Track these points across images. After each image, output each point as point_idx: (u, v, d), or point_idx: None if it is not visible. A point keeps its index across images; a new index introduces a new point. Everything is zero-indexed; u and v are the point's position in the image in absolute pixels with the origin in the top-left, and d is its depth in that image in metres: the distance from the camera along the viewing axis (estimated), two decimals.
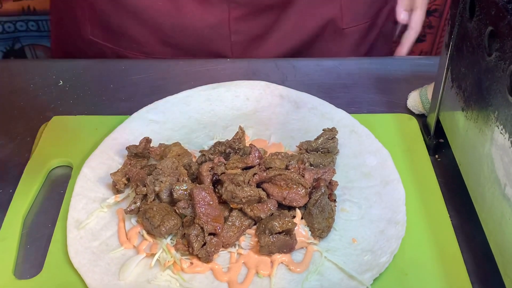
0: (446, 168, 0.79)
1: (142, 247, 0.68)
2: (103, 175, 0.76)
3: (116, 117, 0.86)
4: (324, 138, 0.77)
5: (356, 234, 0.69)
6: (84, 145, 0.82)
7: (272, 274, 0.65)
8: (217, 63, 0.99)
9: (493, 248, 0.63)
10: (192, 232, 0.66)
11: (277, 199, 0.68)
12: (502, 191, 0.60)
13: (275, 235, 0.66)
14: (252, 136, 0.82)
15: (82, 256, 0.67)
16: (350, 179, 0.76)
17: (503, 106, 0.60)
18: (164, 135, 0.82)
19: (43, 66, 0.99)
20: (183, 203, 0.68)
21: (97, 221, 0.71)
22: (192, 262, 0.66)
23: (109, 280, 0.65)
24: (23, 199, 0.75)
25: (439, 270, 0.66)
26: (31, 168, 0.79)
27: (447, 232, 0.70)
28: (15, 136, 0.86)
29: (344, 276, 0.65)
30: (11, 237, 0.70)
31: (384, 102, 0.91)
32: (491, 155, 0.63)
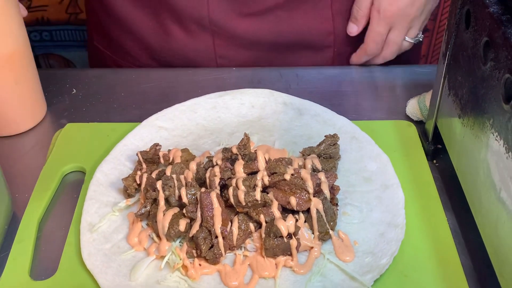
0: (444, 173, 0.79)
1: (152, 250, 0.68)
2: (115, 180, 0.77)
3: (127, 124, 0.86)
4: (326, 144, 0.77)
5: (357, 236, 0.69)
6: (96, 151, 0.82)
7: (277, 275, 0.66)
8: (223, 72, 0.99)
9: (489, 250, 0.63)
10: (200, 235, 0.66)
11: (282, 203, 0.68)
12: (497, 195, 0.60)
13: (279, 238, 0.66)
14: (257, 142, 0.82)
15: (95, 258, 0.67)
16: (351, 183, 0.76)
17: (497, 114, 0.60)
18: (172, 141, 0.83)
19: (56, 75, 1.00)
20: (191, 207, 0.69)
21: (109, 224, 0.72)
22: (200, 264, 0.67)
23: (121, 281, 0.65)
24: (38, 203, 0.75)
25: (437, 271, 0.66)
26: (46, 173, 0.79)
27: (444, 235, 0.70)
28: (30, 142, 0.86)
29: (346, 277, 0.65)
30: (27, 239, 0.71)
31: (383, 109, 0.91)
32: (487, 161, 0.63)
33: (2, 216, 0.72)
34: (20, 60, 0.82)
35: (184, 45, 1.01)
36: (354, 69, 1.02)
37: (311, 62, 1.04)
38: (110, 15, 1.04)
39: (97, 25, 1.09)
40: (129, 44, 1.05)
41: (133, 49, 1.05)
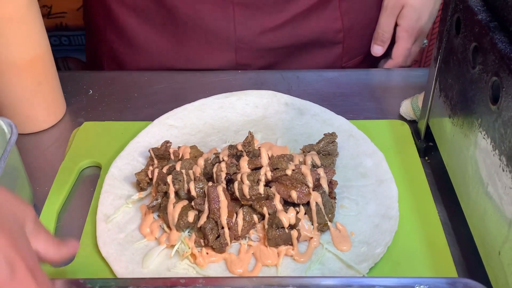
0: (435, 169, 0.79)
1: (163, 239, 0.68)
2: (128, 175, 0.77)
3: (140, 123, 0.86)
4: (325, 142, 0.77)
5: (353, 228, 0.69)
6: (111, 148, 0.83)
7: (279, 263, 0.66)
8: (229, 74, 0.99)
9: (477, 241, 0.64)
10: (207, 226, 0.67)
11: (283, 196, 0.68)
12: (485, 190, 0.60)
13: (281, 229, 0.67)
14: (261, 140, 0.82)
15: (110, 247, 0.68)
16: (348, 178, 0.76)
17: (485, 114, 0.60)
18: (182, 139, 0.83)
19: (74, 77, 1.00)
20: (199, 199, 0.69)
21: (123, 216, 0.72)
22: (207, 252, 0.67)
23: (134, 268, 0.65)
24: (58, 196, 0.75)
25: (428, 260, 0.66)
26: (64, 168, 0.80)
27: (435, 226, 0.70)
28: (51, 139, 0.87)
29: (343, 265, 0.65)
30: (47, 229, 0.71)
31: (379, 109, 0.91)
32: (475, 157, 0.63)
33: None
34: (42, 63, 0.83)
35: (204, 61, 1.00)
36: (351, 71, 1.02)
37: (322, 58, 1.04)
38: (121, 37, 1.03)
39: (110, 54, 1.07)
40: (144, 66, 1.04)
41: (143, 64, 1.04)
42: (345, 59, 1.06)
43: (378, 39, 1.03)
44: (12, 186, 0.69)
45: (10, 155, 0.67)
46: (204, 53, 1.00)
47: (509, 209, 0.55)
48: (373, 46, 1.04)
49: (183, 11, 0.96)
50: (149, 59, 1.02)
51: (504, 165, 0.56)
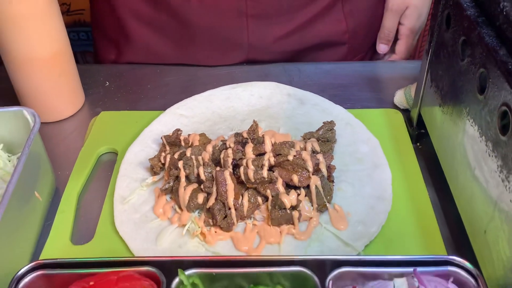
0: (426, 154, 0.79)
1: (175, 219, 0.69)
2: (143, 160, 0.77)
3: (153, 112, 0.86)
4: (324, 130, 0.77)
5: (350, 209, 0.69)
6: (126, 135, 0.83)
7: (281, 241, 0.66)
8: (235, 67, 0.99)
9: (464, 220, 0.64)
10: (215, 207, 0.67)
11: (285, 180, 0.69)
12: (472, 173, 0.60)
13: (283, 210, 0.67)
14: (265, 128, 0.82)
15: (126, 226, 0.68)
16: (345, 163, 0.76)
17: (473, 103, 0.60)
18: (192, 127, 0.83)
19: (92, 69, 1.00)
20: (208, 183, 0.69)
21: (138, 198, 0.72)
22: (215, 231, 0.67)
23: (148, 246, 0.66)
24: (78, 179, 0.76)
25: (419, 238, 0.66)
26: (84, 154, 0.80)
27: (426, 207, 0.70)
28: (71, 127, 0.87)
29: (341, 243, 0.65)
30: (68, 210, 0.72)
31: (374, 99, 0.91)
32: (463, 144, 0.63)
33: (46, 191, 0.73)
34: (63, 57, 0.83)
35: (215, 62, 0.99)
36: (349, 64, 1.01)
37: (329, 58, 1.03)
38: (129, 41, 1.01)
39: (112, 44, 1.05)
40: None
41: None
42: (350, 57, 1.05)
43: (383, 38, 1.03)
44: (36, 171, 0.70)
45: (33, 142, 0.67)
46: (218, 56, 0.99)
47: (494, 191, 0.55)
48: (378, 45, 1.04)
49: (198, 23, 0.95)
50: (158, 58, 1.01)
51: (490, 151, 0.56)
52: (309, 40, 1.00)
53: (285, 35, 0.98)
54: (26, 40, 0.77)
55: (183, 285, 0.54)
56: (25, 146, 0.65)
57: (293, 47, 1.00)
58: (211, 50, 0.98)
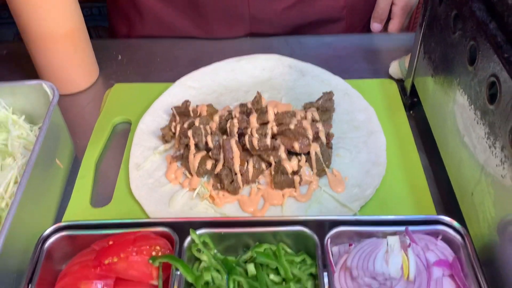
0: (418, 121, 0.79)
1: (186, 184, 0.69)
2: (155, 129, 0.78)
3: (163, 84, 0.86)
4: (324, 99, 0.77)
5: (347, 173, 0.70)
6: (139, 106, 0.83)
7: (283, 203, 0.67)
8: (239, 41, 0.98)
9: (453, 183, 0.64)
10: (223, 172, 0.68)
11: (287, 147, 0.69)
12: (461, 140, 0.61)
13: (285, 175, 0.67)
14: (268, 98, 0.82)
15: (141, 190, 0.69)
16: (343, 131, 0.76)
17: (463, 74, 0.59)
18: (199, 98, 0.83)
19: (105, 44, 0.99)
20: (215, 150, 0.69)
21: (151, 164, 0.73)
22: (223, 194, 0.68)
23: (162, 208, 0.67)
24: (95, 147, 0.76)
25: (411, 200, 0.67)
26: (100, 124, 0.80)
27: (417, 171, 0.70)
28: (87, 99, 0.87)
29: (338, 204, 0.66)
30: (87, 176, 0.72)
31: (370, 70, 0.90)
32: (454, 112, 0.63)
33: (66, 158, 0.74)
34: (78, 33, 0.82)
35: (220, 33, 0.98)
36: (347, 36, 1.00)
37: (328, 33, 1.02)
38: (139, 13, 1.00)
39: (123, 16, 1.04)
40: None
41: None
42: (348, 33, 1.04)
43: (377, 17, 1.01)
44: (56, 140, 0.70)
45: (53, 114, 0.67)
46: (222, 27, 0.98)
47: (481, 156, 0.55)
48: (372, 24, 1.02)
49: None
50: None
51: (478, 119, 0.56)
52: (308, 14, 0.98)
53: (285, 8, 0.96)
54: (44, 18, 0.77)
55: (195, 244, 0.55)
56: (46, 117, 0.66)
57: (294, 22, 0.98)
58: (216, 22, 0.97)
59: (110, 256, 0.54)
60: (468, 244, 0.53)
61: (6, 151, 0.68)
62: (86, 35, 0.85)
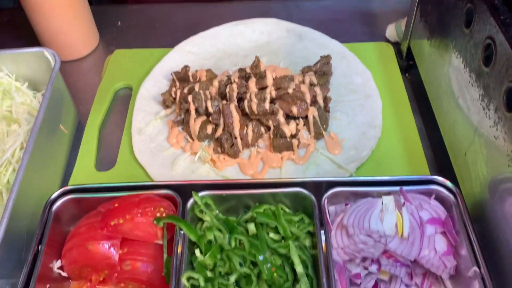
0: (414, 84, 0.79)
1: (187, 148, 0.70)
2: (155, 95, 0.77)
3: (162, 50, 0.85)
4: (321, 63, 0.76)
5: (344, 135, 0.70)
6: (139, 72, 0.82)
7: (282, 165, 0.67)
8: (237, 5, 0.96)
9: (447, 144, 0.64)
10: (223, 137, 0.68)
11: (286, 111, 0.68)
12: (455, 101, 0.60)
13: (284, 138, 0.67)
14: (266, 63, 0.81)
15: (144, 154, 0.69)
16: (340, 94, 0.76)
17: (459, 37, 0.59)
18: (199, 63, 0.82)
19: (105, 10, 0.97)
20: (215, 115, 0.69)
21: (153, 129, 0.73)
22: (224, 158, 0.68)
23: (165, 171, 0.67)
24: (98, 113, 0.76)
25: (405, 161, 0.67)
26: (102, 89, 0.80)
27: (412, 133, 0.70)
28: (88, 65, 0.86)
29: (335, 166, 0.66)
30: (91, 141, 0.72)
31: (367, 33, 0.89)
32: (449, 74, 0.62)
33: (70, 124, 0.73)
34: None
35: None
36: (344, 0, 0.98)
37: None
38: None
39: None
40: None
41: None
42: None
43: None
44: (60, 106, 0.70)
45: (55, 80, 0.67)
46: None
47: (475, 117, 0.55)
48: None
49: None
50: None
51: (473, 81, 0.55)
52: None
53: None
54: None
55: (197, 205, 0.56)
56: (48, 84, 0.65)
57: None
58: None
59: (116, 217, 0.54)
60: (460, 203, 0.54)
61: (11, 117, 0.68)
62: (85, 1, 0.83)
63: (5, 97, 0.70)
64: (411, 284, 0.55)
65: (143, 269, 0.54)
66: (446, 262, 0.52)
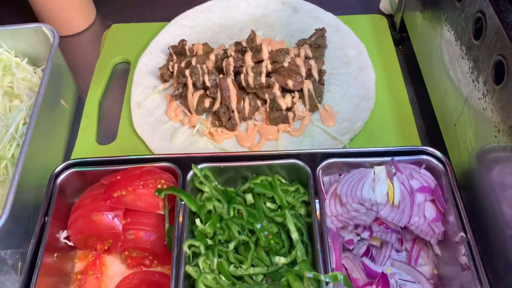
0: (407, 56, 0.79)
1: (186, 121, 0.70)
2: (153, 69, 0.77)
3: (159, 24, 0.85)
4: (316, 36, 0.76)
5: (338, 107, 0.71)
6: (137, 46, 0.82)
7: (278, 138, 0.68)
8: None
9: (438, 115, 0.65)
10: (220, 110, 0.68)
11: (281, 85, 0.69)
12: (446, 74, 0.61)
13: (280, 111, 0.68)
14: (262, 36, 0.81)
15: (144, 128, 0.70)
16: (334, 67, 0.76)
17: (451, 10, 0.59)
18: (195, 37, 0.82)
19: None
20: (213, 89, 0.70)
21: (151, 103, 0.73)
22: (222, 131, 0.69)
23: (164, 144, 0.68)
24: (97, 87, 0.77)
25: (398, 132, 0.68)
26: (100, 64, 0.80)
27: (404, 104, 0.71)
28: (86, 40, 0.86)
29: (329, 137, 0.68)
30: (92, 115, 0.73)
31: (362, 5, 0.88)
32: (440, 47, 0.63)
33: (71, 98, 0.74)
34: None
35: None
36: None
37: None
38: None
39: None
40: None
41: None
42: None
43: None
44: (60, 81, 0.70)
45: (55, 56, 0.67)
46: None
47: (465, 89, 0.56)
48: None
49: None
50: None
51: (464, 54, 0.56)
52: None
53: None
54: None
55: (197, 177, 0.57)
56: (48, 59, 0.66)
57: None
58: None
59: (118, 189, 0.56)
60: (449, 172, 0.56)
61: (13, 93, 0.69)
62: None
63: (5, 73, 0.71)
64: (401, 249, 0.57)
65: (146, 238, 0.56)
66: (435, 228, 0.54)
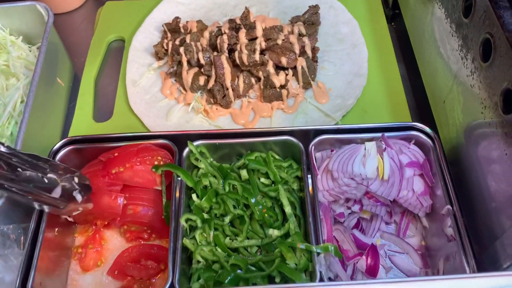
0: (399, 33, 0.79)
1: (181, 99, 0.71)
2: (148, 46, 0.77)
3: (153, 0, 0.84)
4: (310, 13, 0.76)
5: (331, 85, 0.71)
6: (131, 24, 0.82)
7: (272, 115, 0.69)
8: None
9: (428, 92, 0.66)
10: (215, 88, 0.69)
11: (275, 62, 0.69)
12: (437, 51, 0.62)
13: (274, 89, 0.69)
14: (255, 13, 0.81)
15: (139, 105, 0.70)
16: (328, 44, 0.76)
17: None
18: (189, 14, 0.81)
19: None
20: (207, 67, 0.70)
21: (147, 81, 0.74)
22: (216, 108, 0.69)
23: (160, 122, 0.69)
24: (93, 65, 0.76)
25: (389, 108, 0.69)
26: (95, 42, 0.80)
27: (396, 81, 0.72)
28: (80, 17, 0.85)
29: (322, 114, 0.68)
30: (88, 93, 0.73)
31: None
32: (432, 24, 0.63)
33: (66, 76, 0.74)
34: None
35: None
36: None
37: None
38: None
39: None
40: None
41: None
42: None
43: None
44: (55, 59, 0.70)
45: (50, 34, 0.67)
46: None
47: (454, 66, 0.57)
48: None
49: None
50: None
51: (453, 31, 0.56)
52: None
53: None
54: None
55: (192, 154, 0.58)
56: (43, 38, 0.65)
57: None
58: None
59: (116, 166, 0.57)
60: (438, 147, 0.57)
61: (9, 71, 0.69)
62: None
63: (1, 51, 0.70)
64: (390, 221, 0.59)
65: (144, 213, 0.57)
66: (423, 202, 0.56)
